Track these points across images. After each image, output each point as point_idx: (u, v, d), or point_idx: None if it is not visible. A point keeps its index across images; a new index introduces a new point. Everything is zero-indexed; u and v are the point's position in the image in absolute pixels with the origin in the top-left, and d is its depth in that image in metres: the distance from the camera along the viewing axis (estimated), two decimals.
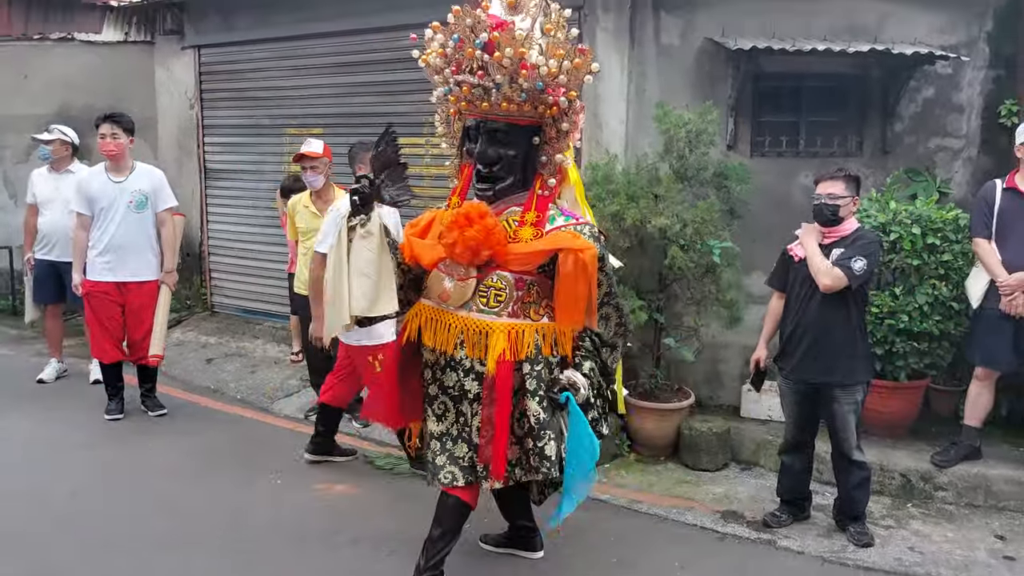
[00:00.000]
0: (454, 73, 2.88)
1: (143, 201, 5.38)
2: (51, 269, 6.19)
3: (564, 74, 2.77)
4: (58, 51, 8.20)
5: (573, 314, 2.86)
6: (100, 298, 5.33)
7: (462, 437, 3.03)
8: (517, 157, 2.93)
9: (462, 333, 2.95)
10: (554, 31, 2.80)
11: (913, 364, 4.79)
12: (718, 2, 5.37)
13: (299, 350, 6.61)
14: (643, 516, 4.28)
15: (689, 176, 5.10)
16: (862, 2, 5.32)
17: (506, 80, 2.76)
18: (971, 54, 5.36)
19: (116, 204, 5.31)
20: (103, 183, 5.32)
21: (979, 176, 5.40)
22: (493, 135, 2.90)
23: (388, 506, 4.26)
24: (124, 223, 5.30)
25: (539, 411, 2.89)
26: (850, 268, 3.71)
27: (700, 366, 5.50)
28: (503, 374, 2.88)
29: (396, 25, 6.06)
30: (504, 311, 2.93)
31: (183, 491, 4.42)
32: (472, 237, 2.80)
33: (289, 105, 7.25)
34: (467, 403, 3.00)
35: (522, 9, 2.82)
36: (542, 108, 2.84)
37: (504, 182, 2.94)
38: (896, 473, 4.55)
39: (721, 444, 4.92)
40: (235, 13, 7.45)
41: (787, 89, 5.50)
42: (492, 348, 2.90)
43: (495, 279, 2.93)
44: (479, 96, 2.85)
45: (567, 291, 2.82)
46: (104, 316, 5.34)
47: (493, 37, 2.71)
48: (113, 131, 5.29)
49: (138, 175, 5.42)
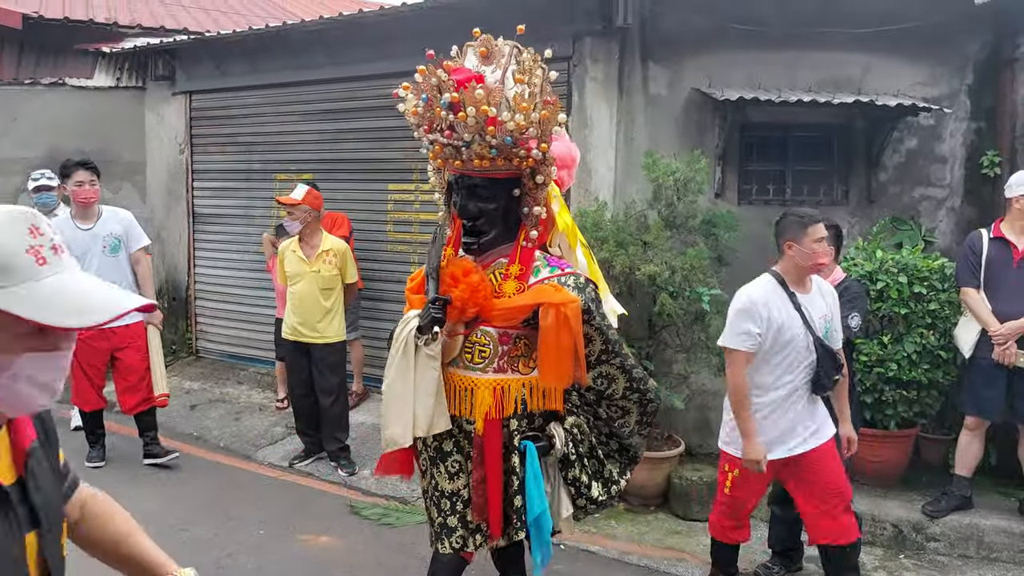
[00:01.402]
0: (426, 132, 2.87)
1: (116, 244, 5.31)
2: None
3: (533, 126, 2.73)
4: (49, 96, 8.21)
5: (556, 369, 2.76)
6: (83, 344, 5.10)
7: (471, 500, 2.93)
8: (498, 210, 2.90)
9: (450, 390, 2.90)
10: (528, 78, 2.76)
11: (903, 412, 4.79)
12: (705, 53, 5.46)
13: (284, 396, 6.55)
14: (633, 568, 4.21)
15: (678, 224, 5.13)
16: (846, 54, 5.43)
17: (475, 138, 2.73)
18: (953, 106, 5.47)
19: (90, 251, 5.20)
20: (72, 232, 5.14)
21: (963, 225, 5.46)
22: (473, 190, 2.88)
23: (374, 559, 4.17)
24: (100, 269, 5.11)
25: (519, 467, 2.85)
26: (848, 328, 3.72)
27: (690, 414, 5.47)
28: (491, 432, 2.84)
29: (385, 73, 6.13)
30: (489, 367, 2.88)
31: (165, 540, 4.26)
32: (458, 297, 2.78)
33: (279, 150, 7.28)
34: (464, 460, 2.95)
35: (494, 59, 2.79)
36: (517, 161, 2.81)
37: (488, 235, 2.92)
38: (888, 523, 4.51)
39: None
40: (227, 60, 7.51)
41: (774, 139, 5.58)
42: (479, 406, 2.86)
43: (479, 335, 2.88)
44: (452, 154, 2.84)
45: (548, 346, 2.73)
46: (86, 363, 5.20)
47: (455, 98, 2.68)
48: (91, 178, 5.22)
49: (107, 220, 5.34)
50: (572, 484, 2.99)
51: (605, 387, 2.97)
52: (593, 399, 2.99)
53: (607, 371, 2.96)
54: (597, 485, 3.04)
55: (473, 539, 2.93)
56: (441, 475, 2.96)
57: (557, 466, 2.97)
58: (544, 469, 2.91)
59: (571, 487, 2.99)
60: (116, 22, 8.64)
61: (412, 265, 6.42)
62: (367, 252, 6.57)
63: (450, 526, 2.93)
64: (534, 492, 2.83)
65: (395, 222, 6.62)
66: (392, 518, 4.64)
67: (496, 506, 2.84)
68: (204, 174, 7.88)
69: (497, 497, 2.84)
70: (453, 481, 2.94)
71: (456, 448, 2.95)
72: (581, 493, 3.00)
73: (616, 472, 3.10)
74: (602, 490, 3.06)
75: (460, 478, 2.94)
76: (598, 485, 3.05)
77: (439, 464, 2.97)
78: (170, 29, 8.79)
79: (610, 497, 3.10)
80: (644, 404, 3.05)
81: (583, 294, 2.86)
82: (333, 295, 5.35)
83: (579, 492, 3.00)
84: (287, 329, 5.40)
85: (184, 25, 9.06)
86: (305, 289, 5.28)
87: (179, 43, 7.68)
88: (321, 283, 5.29)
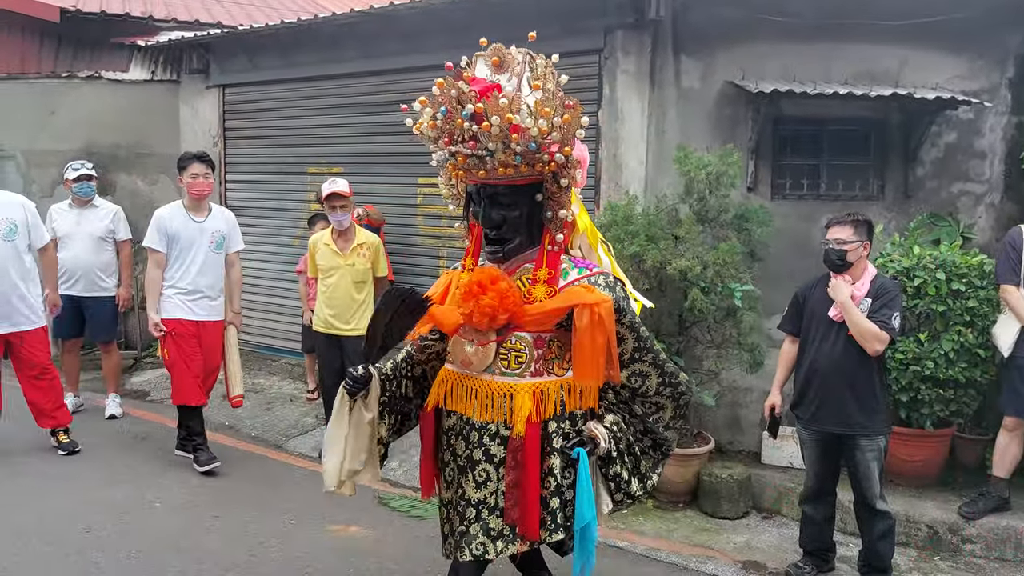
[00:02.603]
0: (447, 144, 2.85)
1: (221, 242, 5.34)
2: (72, 304, 6.14)
3: (556, 131, 2.73)
4: (85, 89, 8.34)
5: (592, 369, 2.78)
6: (184, 337, 5.19)
7: (498, 507, 2.93)
8: (521, 217, 2.90)
9: (487, 397, 2.91)
10: (543, 84, 2.76)
11: (939, 411, 4.70)
12: (738, 45, 5.39)
13: (314, 387, 6.60)
14: (662, 564, 4.19)
15: (710, 218, 5.08)
16: (883, 47, 5.33)
17: (499, 147, 2.72)
18: (993, 100, 5.35)
19: (197, 244, 5.23)
20: (184, 222, 5.22)
21: (1003, 221, 5.35)
22: (495, 198, 2.87)
23: (403, 550, 4.19)
24: (205, 263, 5.23)
25: (559, 468, 2.86)
26: (892, 327, 3.67)
27: (720, 411, 5.43)
28: (531, 435, 2.83)
29: (416, 66, 6.14)
30: (527, 371, 2.89)
31: (196, 528, 4.38)
32: (488, 304, 2.78)
33: (310, 144, 7.32)
34: (493, 468, 2.94)
35: (507, 67, 2.77)
36: (540, 166, 2.81)
37: (512, 243, 2.92)
38: (923, 524, 4.44)
39: (742, 491, 4.83)
40: (259, 53, 7.57)
41: (808, 132, 5.49)
42: (519, 410, 2.85)
43: (514, 340, 2.89)
44: (475, 164, 2.83)
45: (584, 346, 2.76)
46: (188, 355, 5.20)
47: (478, 108, 2.66)
48: (206, 171, 5.24)
49: (215, 216, 5.37)
50: (612, 480, 2.99)
51: (639, 384, 2.97)
52: (628, 396, 3.00)
53: (640, 368, 2.96)
54: (635, 480, 3.05)
55: (494, 546, 2.92)
56: (469, 483, 2.95)
57: (597, 464, 2.98)
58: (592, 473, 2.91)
59: (611, 483, 3.00)
60: (152, 16, 8.73)
61: (441, 260, 6.43)
62: (397, 246, 6.59)
63: (472, 533, 2.92)
64: (585, 500, 2.82)
65: (425, 216, 6.63)
66: (421, 510, 4.65)
67: (535, 508, 2.83)
68: (237, 167, 7.96)
69: (536, 499, 2.83)
70: (480, 490, 2.94)
71: (485, 457, 2.94)
72: (620, 488, 3.00)
73: (649, 468, 3.11)
74: (639, 485, 3.06)
75: (488, 486, 2.93)
76: (636, 480, 3.05)
77: (468, 473, 2.96)
78: (204, 23, 8.87)
79: (645, 492, 3.10)
80: (677, 398, 3.06)
81: (613, 293, 2.88)
82: (365, 288, 5.38)
83: (618, 487, 3.00)
84: (319, 321, 5.44)
85: (218, 19, 9.14)
86: (339, 282, 5.31)
87: (213, 36, 7.75)
88: (355, 276, 5.32)
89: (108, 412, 6.27)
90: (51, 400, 5.48)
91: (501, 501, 2.91)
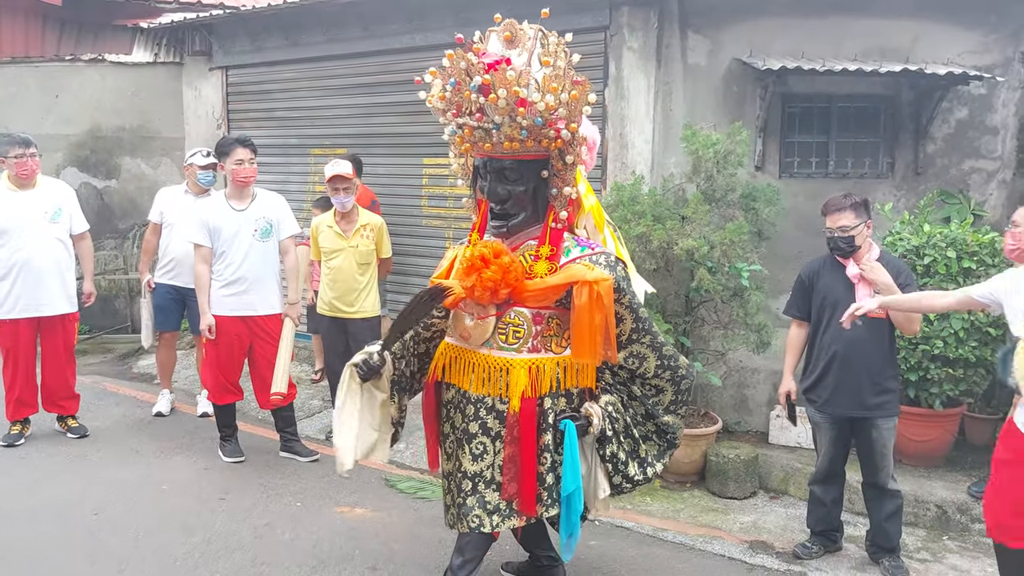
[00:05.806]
0: (455, 116, 2.89)
1: (268, 229, 4.96)
2: (175, 295, 5.80)
3: (563, 107, 2.75)
4: (89, 72, 8.31)
5: (589, 347, 2.82)
6: (226, 337, 4.92)
7: (495, 481, 2.96)
8: (527, 192, 2.93)
9: (484, 371, 2.95)
10: (553, 61, 2.77)
11: (948, 391, 4.67)
12: (745, 22, 5.32)
13: (320, 368, 6.60)
14: (668, 545, 4.17)
15: (717, 197, 5.03)
16: (893, 22, 5.24)
17: (505, 120, 2.75)
18: (1006, 74, 5.27)
19: (240, 234, 4.88)
20: (224, 211, 4.88)
21: (1015, 198, 5.28)
22: (501, 172, 2.90)
23: (409, 531, 4.19)
24: (249, 254, 4.89)
25: (555, 445, 2.89)
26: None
27: (727, 391, 5.41)
28: (526, 411, 2.87)
29: (420, 46, 6.09)
30: (524, 347, 2.93)
31: (203, 508, 4.39)
32: (490, 278, 2.81)
33: (314, 125, 7.28)
34: (489, 441, 2.97)
35: (519, 43, 2.80)
36: (545, 142, 2.84)
37: (516, 218, 2.94)
38: (931, 504, 4.42)
39: (749, 471, 4.81)
40: (262, 34, 7.51)
41: (817, 110, 5.42)
42: (514, 385, 2.89)
43: (512, 315, 2.92)
44: (481, 137, 2.87)
45: (582, 324, 2.80)
46: (225, 357, 4.95)
47: (486, 80, 2.69)
48: (251, 156, 4.88)
49: (260, 202, 4.99)
50: (609, 461, 3.01)
51: (636, 366, 3.00)
52: (626, 377, 3.02)
53: (638, 350, 2.99)
54: (633, 464, 3.06)
55: (490, 519, 2.94)
56: (465, 456, 2.99)
57: (594, 446, 3.00)
58: (581, 450, 2.94)
59: (608, 464, 3.02)
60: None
61: (447, 240, 6.40)
62: (402, 227, 6.56)
63: (469, 506, 2.95)
64: (569, 470, 2.86)
65: (430, 196, 6.60)
66: (427, 491, 4.66)
67: (531, 484, 2.87)
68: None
69: (532, 474, 2.87)
70: (476, 463, 2.98)
71: (482, 430, 2.97)
72: (618, 470, 3.03)
73: (653, 456, 3.13)
74: (638, 470, 3.07)
75: (484, 459, 2.97)
76: (634, 464, 3.06)
77: (464, 445, 3.00)
78: (207, 3, 8.81)
79: (646, 478, 3.11)
80: (678, 382, 3.08)
81: (614, 272, 2.90)
82: (369, 270, 5.35)
83: (616, 469, 3.02)
84: (323, 304, 5.41)
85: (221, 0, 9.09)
86: (343, 264, 5.28)
87: (215, 18, 7.69)
88: (359, 258, 5.29)
89: (200, 410, 5.98)
90: (66, 388, 5.47)
91: (498, 475, 2.95)
